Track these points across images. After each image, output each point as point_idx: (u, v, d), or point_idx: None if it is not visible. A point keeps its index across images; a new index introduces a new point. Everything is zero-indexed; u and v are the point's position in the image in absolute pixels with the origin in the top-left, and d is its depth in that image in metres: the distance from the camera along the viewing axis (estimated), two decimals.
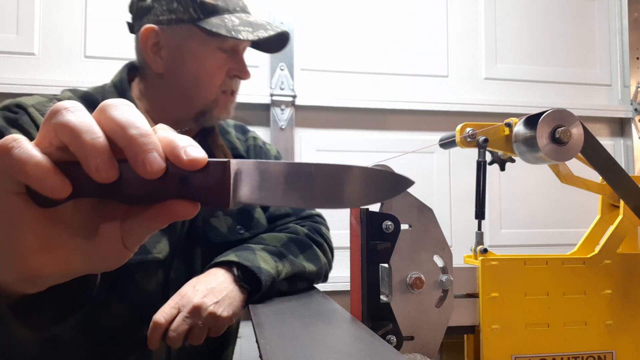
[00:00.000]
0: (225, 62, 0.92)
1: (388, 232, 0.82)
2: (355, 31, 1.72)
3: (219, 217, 0.93)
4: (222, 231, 0.93)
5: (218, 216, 0.94)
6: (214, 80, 0.91)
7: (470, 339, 0.90)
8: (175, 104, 0.93)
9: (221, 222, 0.93)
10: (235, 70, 0.93)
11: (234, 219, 0.95)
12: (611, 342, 0.88)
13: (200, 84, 0.91)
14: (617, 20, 1.94)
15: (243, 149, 1.06)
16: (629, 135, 1.91)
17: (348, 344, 0.63)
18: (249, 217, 0.98)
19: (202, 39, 0.89)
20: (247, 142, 1.10)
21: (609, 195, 0.97)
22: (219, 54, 0.91)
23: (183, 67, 0.90)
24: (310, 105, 1.64)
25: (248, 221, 0.97)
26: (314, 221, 1.06)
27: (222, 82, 0.92)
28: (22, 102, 0.85)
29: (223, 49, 0.91)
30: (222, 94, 0.93)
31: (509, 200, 1.80)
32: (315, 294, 0.97)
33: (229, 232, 0.93)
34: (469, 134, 0.89)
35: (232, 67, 0.93)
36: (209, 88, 0.91)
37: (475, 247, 0.88)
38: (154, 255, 0.82)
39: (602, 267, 0.89)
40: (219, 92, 0.92)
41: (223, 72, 0.92)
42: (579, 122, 0.84)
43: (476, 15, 1.83)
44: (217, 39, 0.89)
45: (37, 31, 1.52)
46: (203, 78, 0.91)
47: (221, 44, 0.91)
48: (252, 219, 0.98)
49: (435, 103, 1.73)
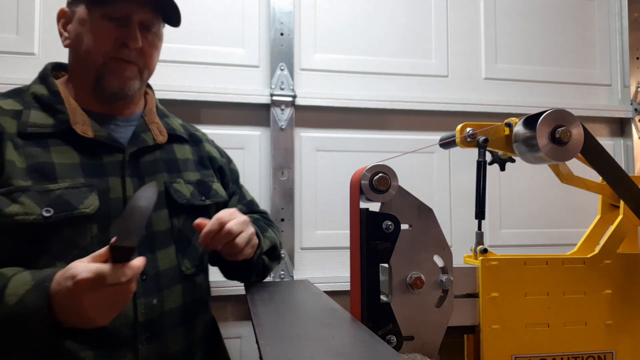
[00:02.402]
0: (112, 30, 0.94)
1: (388, 232, 0.82)
2: (355, 31, 1.72)
3: (181, 184, 1.01)
4: (185, 195, 1.00)
5: (180, 183, 1.01)
6: (100, 46, 0.93)
7: (470, 339, 0.90)
8: (80, 74, 0.97)
9: (183, 187, 1.01)
10: (123, 38, 0.94)
11: (194, 187, 1.04)
12: (611, 342, 0.88)
13: (89, 51, 0.94)
14: (617, 20, 1.94)
15: (185, 134, 1.11)
16: (629, 135, 1.90)
17: (348, 345, 0.63)
18: (207, 188, 1.07)
19: (88, 9, 0.94)
20: (196, 131, 1.17)
21: (609, 195, 0.97)
22: (105, 22, 0.93)
23: (76, 37, 0.96)
24: (310, 105, 1.63)
25: (207, 191, 1.07)
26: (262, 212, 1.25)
27: (112, 49, 0.94)
28: None
29: (109, 17, 0.94)
30: (112, 61, 0.94)
31: (509, 200, 1.80)
32: (315, 294, 0.97)
33: (192, 197, 1.01)
34: (469, 134, 0.89)
35: (120, 35, 0.94)
36: (96, 54, 0.93)
37: (475, 247, 0.88)
38: (81, 210, 0.85)
39: (602, 267, 0.89)
40: (109, 59, 0.94)
41: (110, 39, 0.93)
42: (579, 122, 0.84)
43: (476, 15, 1.83)
44: (100, 7, 0.93)
45: (37, 31, 1.52)
46: (90, 45, 0.94)
47: (105, 12, 0.93)
48: (210, 189, 1.08)
49: (435, 103, 1.73)
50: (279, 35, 1.63)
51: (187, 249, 1.00)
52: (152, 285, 0.91)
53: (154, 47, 1.00)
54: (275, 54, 1.62)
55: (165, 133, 1.04)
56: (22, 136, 0.87)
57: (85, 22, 0.94)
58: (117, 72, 0.95)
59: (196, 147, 1.12)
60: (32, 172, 0.85)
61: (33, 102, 0.93)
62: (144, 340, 0.89)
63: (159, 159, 1.00)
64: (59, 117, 0.91)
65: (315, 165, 1.64)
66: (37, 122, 0.89)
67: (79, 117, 0.92)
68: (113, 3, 0.93)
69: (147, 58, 0.99)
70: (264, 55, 1.64)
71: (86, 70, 0.95)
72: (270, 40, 1.63)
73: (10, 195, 0.82)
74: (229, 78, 1.60)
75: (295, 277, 1.56)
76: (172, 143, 1.05)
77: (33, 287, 0.71)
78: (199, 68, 1.57)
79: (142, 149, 0.97)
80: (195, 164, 1.09)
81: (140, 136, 0.98)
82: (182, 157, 1.06)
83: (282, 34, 1.63)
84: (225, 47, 1.60)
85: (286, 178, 1.57)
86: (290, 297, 0.96)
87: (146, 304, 0.90)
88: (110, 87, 0.95)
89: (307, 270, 1.58)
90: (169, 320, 0.93)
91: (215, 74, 1.59)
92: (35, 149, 0.87)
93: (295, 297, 0.96)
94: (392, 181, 0.83)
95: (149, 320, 0.90)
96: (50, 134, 0.89)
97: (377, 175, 0.82)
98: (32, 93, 0.94)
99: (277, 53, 1.62)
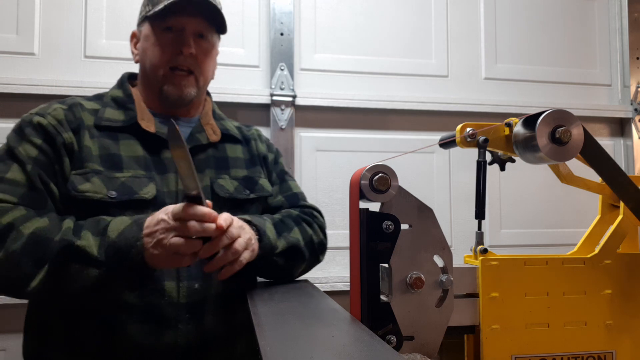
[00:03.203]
0: (171, 40, 1.05)
1: (388, 232, 0.82)
2: (356, 31, 1.72)
3: (226, 179, 1.10)
4: (228, 189, 1.09)
5: (224, 178, 1.10)
6: (160, 57, 1.06)
7: (470, 339, 0.90)
8: (147, 85, 1.10)
9: (228, 183, 1.09)
10: (178, 46, 1.05)
11: (239, 182, 1.11)
12: (611, 342, 0.88)
13: (152, 63, 1.07)
14: (617, 20, 1.94)
15: (239, 134, 1.19)
16: (629, 135, 1.91)
17: (348, 345, 0.63)
18: (253, 183, 1.14)
19: (151, 25, 1.07)
20: (249, 131, 1.24)
21: (609, 195, 0.97)
22: (165, 34, 1.06)
23: (143, 52, 1.09)
24: (310, 105, 1.64)
25: (252, 185, 1.14)
26: (305, 207, 1.21)
27: (169, 59, 1.06)
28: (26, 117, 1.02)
29: (167, 29, 1.06)
30: (171, 71, 1.06)
31: (509, 200, 1.80)
32: (315, 294, 0.97)
33: (235, 191, 1.09)
34: (469, 134, 0.88)
35: (176, 44, 1.05)
36: (157, 65, 1.06)
37: (475, 247, 0.88)
38: (140, 195, 0.97)
39: (602, 267, 0.89)
40: (168, 70, 1.06)
41: (168, 49, 1.05)
42: (579, 122, 0.84)
43: (476, 15, 1.83)
44: (159, 21, 1.05)
45: (37, 31, 1.52)
46: (152, 56, 1.07)
47: (163, 25, 1.05)
48: (256, 184, 1.15)
49: (435, 103, 1.73)
50: (279, 35, 1.63)
51: None
52: (196, 271, 0.99)
53: (208, 55, 1.11)
54: (275, 54, 1.62)
55: (219, 133, 1.14)
56: (98, 128, 1.02)
57: (149, 37, 1.07)
58: (175, 82, 1.06)
59: (248, 147, 1.20)
60: (104, 160, 0.99)
61: (110, 102, 1.08)
62: (184, 320, 0.97)
63: (210, 157, 1.11)
64: (129, 113, 1.05)
65: (315, 165, 1.64)
66: (110, 117, 1.04)
67: (146, 115, 1.06)
68: (169, 16, 1.04)
69: (202, 65, 1.09)
70: (264, 55, 1.64)
71: (152, 81, 1.08)
72: (270, 40, 1.63)
73: (85, 175, 0.96)
74: (229, 78, 1.60)
75: None
76: (225, 142, 1.15)
77: (131, 224, 0.86)
78: None
79: (195, 147, 1.08)
80: (246, 162, 1.17)
81: (195, 136, 1.10)
82: (233, 155, 1.15)
83: (282, 34, 1.63)
84: (225, 47, 1.60)
85: None
86: (290, 297, 0.96)
87: (189, 287, 0.98)
88: (171, 95, 1.07)
89: None
90: (210, 305, 1.00)
91: (216, 73, 1.59)
92: (108, 141, 1.01)
93: (295, 297, 0.96)
94: (392, 181, 0.83)
95: (190, 303, 0.98)
96: (120, 127, 1.03)
97: (377, 175, 0.82)
98: (110, 96, 1.09)
99: (277, 53, 1.62)
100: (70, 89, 1.48)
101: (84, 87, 1.48)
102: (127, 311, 0.94)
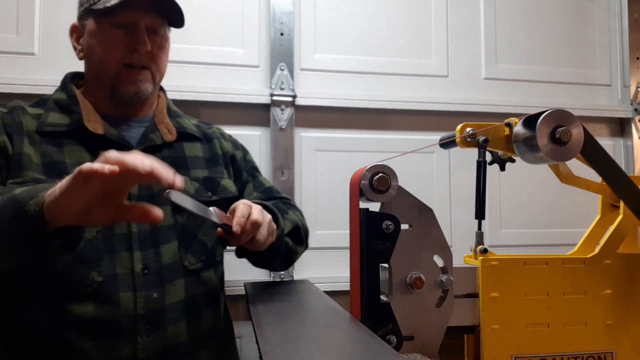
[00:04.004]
0: (121, 38, 0.99)
1: (388, 232, 0.82)
2: (356, 31, 1.72)
3: (185, 182, 1.00)
4: (189, 192, 1.03)
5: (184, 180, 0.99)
6: (111, 54, 0.99)
7: (470, 339, 0.90)
8: (96, 85, 1.03)
9: (188, 185, 1.04)
10: (132, 43, 0.98)
11: (200, 184, 1.06)
12: (611, 342, 0.88)
13: (102, 61, 1.00)
14: (617, 20, 1.94)
15: (199, 132, 1.14)
16: (629, 135, 1.90)
17: (348, 345, 0.63)
18: (214, 184, 1.09)
19: (96, 20, 1.00)
20: (210, 129, 1.19)
21: (609, 195, 0.97)
22: (114, 31, 0.99)
23: (89, 49, 1.02)
24: (310, 105, 1.63)
25: (214, 186, 1.09)
26: (282, 198, 1.22)
27: (123, 56, 0.99)
28: None
29: (117, 26, 0.99)
30: (125, 68, 1.00)
31: (509, 200, 1.80)
32: (315, 294, 0.97)
33: (196, 193, 1.04)
34: (469, 134, 0.88)
35: (129, 41, 0.99)
36: (109, 62, 0.99)
37: (475, 247, 0.88)
38: None
39: (602, 267, 0.89)
40: (120, 66, 0.99)
41: (120, 47, 0.99)
42: (579, 122, 0.84)
43: (476, 15, 1.83)
44: (108, 18, 0.98)
45: (37, 31, 1.51)
46: (102, 55, 1.00)
47: (113, 22, 0.99)
48: (218, 185, 1.10)
49: (435, 103, 1.73)
50: (279, 35, 1.63)
51: (191, 244, 1.01)
52: (153, 279, 0.94)
53: (163, 50, 1.05)
54: (275, 54, 1.62)
55: (175, 132, 1.08)
56: (40, 134, 0.95)
57: (95, 33, 1.00)
58: (130, 79, 1.00)
59: (209, 145, 1.15)
60: (47, 169, 0.92)
61: (53, 106, 1.01)
62: (143, 332, 0.91)
63: (166, 157, 1.03)
64: (74, 116, 0.98)
65: (315, 165, 1.64)
66: (53, 122, 0.97)
67: (92, 116, 0.99)
68: (119, 12, 0.97)
69: (157, 61, 1.03)
70: (264, 55, 1.64)
71: (102, 79, 1.01)
72: (270, 40, 1.63)
73: (24, 184, 0.86)
74: (229, 78, 1.60)
75: (295, 277, 1.56)
76: (182, 141, 1.09)
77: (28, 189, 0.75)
78: (199, 68, 1.57)
79: (149, 147, 1.01)
80: (206, 161, 1.11)
81: (148, 136, 1.03)
82: (192, 154, 1.09)
83: (282, 34, 1.63)
84: (225, 47, 1.60)
85: (286, 178, 1.57)
86: (290, 297, 0.96)
87: (146, 297, 0.92)
88: (126, 92, 1.00)
89: (307, 270, 1.58)
90: (170, 314, 0.95)
91: (215, 74, 1.59)
92: (51, 148, 0.94)
93: (295, 297, 0.96)
94: (392, 181, 0.83)
95: (148, 313, 0.92)
96: (65, 132, 0.96)
97: (377, 175, 0.82)
98: (54, 99, 1.02)
99: (277, 53, 1.62)
100: None
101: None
102: (77, 327, 0.87)
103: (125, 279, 0.91)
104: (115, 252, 0.92)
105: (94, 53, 1.01)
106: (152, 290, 0.93)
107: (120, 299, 0.90)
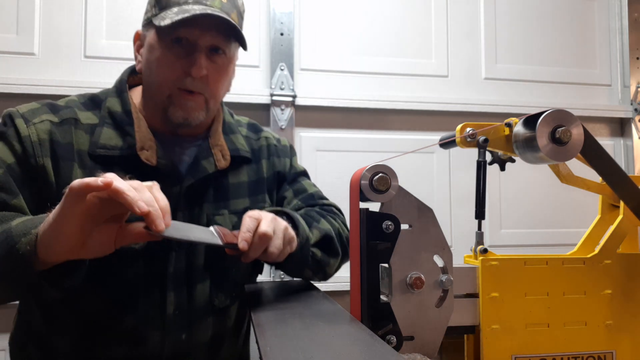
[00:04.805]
0: (178, 59, 0.90)
1: (388, 232, 0.82)
2: (355, 31, 1.72)
3: (224, 216, 0.98)
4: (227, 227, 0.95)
5: (223, 214, 0.98)
6: (166, 73, 0.91)
7: (470, 339, 0.90)
8: (150, 99, 0.96)
9: (226, 219, 0.98)
10: (187, 66, 0.90)
11: (238, 218, 0.96)
12: (611, 342, 0.88)
13: (157, 82, 0.92)
14: (617, 20, 1.94)
15: (249, 149, 1.07)
16: (629, 135, 1.90)
17: (348, 345, 0.63)
18: None
19: (156, 33, 0.91)
20: (258, 142, 1.11)
21: (609, 195, 0.97)
22: (174, 48, 0.91)
23: (147, 64, 0.94)
24: (310, 105, 1.64)
25: None
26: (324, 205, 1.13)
27: (177, 79, 0.91)
28: (12, 112, 0.89)
29: (177, 40, 0.90)
30: (177, 91, 0.92)
31: (509, 200, 1.80)
32: (315, 294, 0.97)
33: (233, 228, 0.94)
34: (469, 134, 0.88)
35: (185, 64, 0.90)
36: (162, 84, 0.92)
37: (475, 247, 0.88)
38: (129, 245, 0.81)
39: (602, 267, 0.89)
40: (174, 89, 0.91)
41: (176, 67, 0.90)
42: (579, 122, 0.84)
43: (476, 15, 1.83)
44: (172, 32, 0.89)
45: (37, 31, 1.52)
46: (157, 75, 0.92)
47: (173, 35, 0.90)
48: None
49: (435, 103, 1.73)
50: (279, 35, 1.63)
51: (223, 282, 0.99)
52: (183, 320, 0.93)
53: (222, 73, 0.96)
54: (275, 54, 1.62)
55: (229, 157, 1.01)
56: (92, 157, 0.89)
57: (154, 49, 0.92)
58: (181, 104, 0.92)
59: (256, 166, 1.08)
60: None
61: (107, 117, 0.93)
62: None
63: (211, 186, 0.98)
64: (128, 140, 0.91)
65: (315, 165, 1.64)
66: (106, 144, 0.90)
67: (147, 142, 0.92)
68: (178, 31, 0.89)
69: (212, 86, 0.94)
70: (264, 55, 1.64)
71: (155, 98, 0.94)
72: (270, 40, 1.63)
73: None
74: None
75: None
76: (232, 165, 1.01)
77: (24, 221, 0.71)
78: None
79: (200, 179, 0.95)
80: (249, 187, 1.04)
81: (200, 164, 0.96)
82: (236, 181, 1.03)
83: (282, 34, 1.63)
84: None
85: None
86: (290, 297, 0.96)
87: (175, 339, 0.91)
88: (175, 117, 0.93)
89: None
90: (194, 353, 0.95)
91: None
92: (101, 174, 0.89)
93: (295, 297, 0.96)
94: (392, 181, 0.83)
95: (174, 354, 0.92)
96: (117, 157, 0.90)
97: (377, 175, 0.82)
98: (108, 108, 0.94)
99: (277, 53, 1.62)
100: (70, 89, 1.48)
101: (84, 87, 1.48)
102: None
103: (156, 320, 0.90)
104: (149, 294, 0.90)
105: (150, 70, 0.93)
106: (181, 332, 0.92)
107: (147, 339, 0.89)
